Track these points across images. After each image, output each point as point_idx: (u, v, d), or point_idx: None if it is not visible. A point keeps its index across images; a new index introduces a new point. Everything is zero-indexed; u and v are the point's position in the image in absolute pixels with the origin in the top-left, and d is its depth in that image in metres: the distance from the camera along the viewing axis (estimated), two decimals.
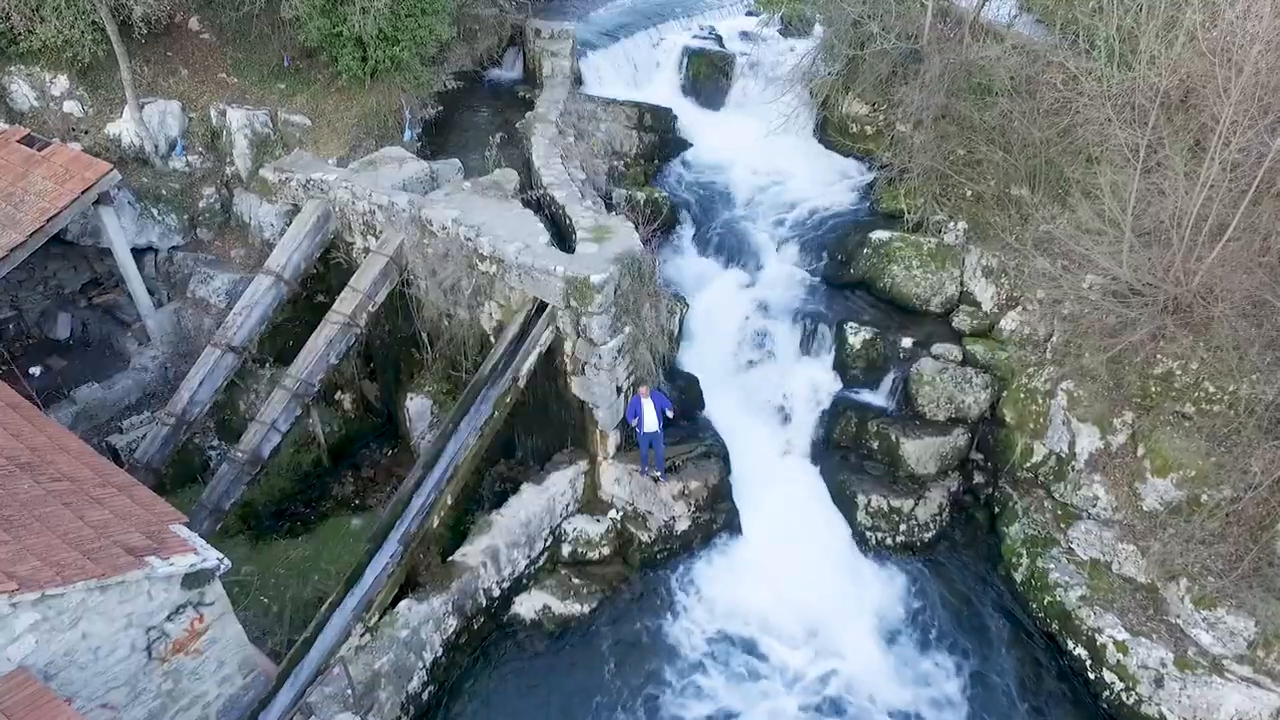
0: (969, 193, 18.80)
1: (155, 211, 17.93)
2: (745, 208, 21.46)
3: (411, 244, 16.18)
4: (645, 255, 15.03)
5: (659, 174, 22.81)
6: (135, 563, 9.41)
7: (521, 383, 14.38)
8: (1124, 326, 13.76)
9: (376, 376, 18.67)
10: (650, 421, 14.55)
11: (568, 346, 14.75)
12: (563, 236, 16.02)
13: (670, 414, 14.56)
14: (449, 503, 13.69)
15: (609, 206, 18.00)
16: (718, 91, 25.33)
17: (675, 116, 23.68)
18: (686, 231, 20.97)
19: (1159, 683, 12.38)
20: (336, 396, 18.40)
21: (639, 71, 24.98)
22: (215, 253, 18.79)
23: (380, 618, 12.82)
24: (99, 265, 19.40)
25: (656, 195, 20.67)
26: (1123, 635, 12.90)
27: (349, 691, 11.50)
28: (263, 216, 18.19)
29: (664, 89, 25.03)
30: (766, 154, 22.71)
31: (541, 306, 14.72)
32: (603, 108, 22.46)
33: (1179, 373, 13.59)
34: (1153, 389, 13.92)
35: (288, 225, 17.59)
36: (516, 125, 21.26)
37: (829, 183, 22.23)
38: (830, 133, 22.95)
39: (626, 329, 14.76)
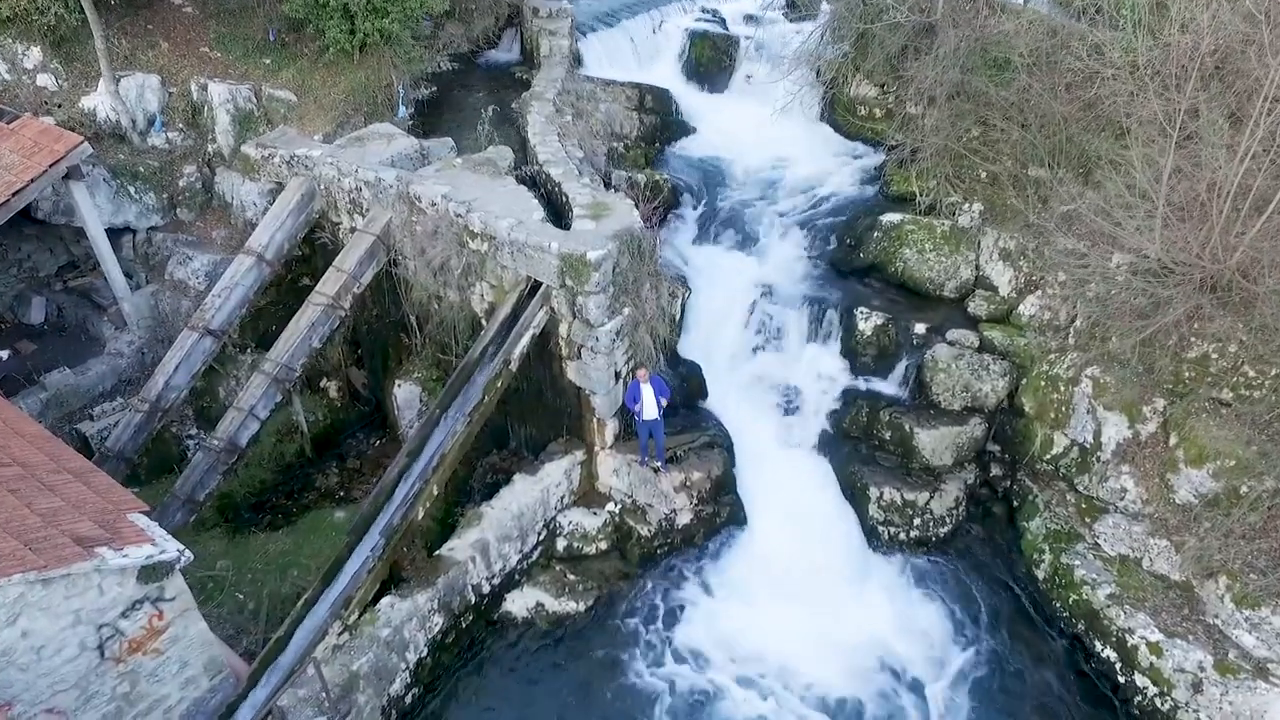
0: (983, 174, 17.93)
1: (132, 190, 17.09)
2: (750, 192, 20.61)
3: (399, 222, 15.34)
4: (645, 233, 14.18)
5: (660, 157, 21.99)
6: (83, 554, 8.57)
7: (514, 366, 13.53)
8: (1156, 307, 12.90)
9: (363, 363, 17.83)
10: (650, 408, 13.69)
11: (563, 329, 13.90)
12: (558, 215, 15.19)
13: (665, 402, 13.69)
14: (435, 493, 12.83)
15: (608, 187, 17.17)
16: (721, 75, 24.51)
17: (677, 99, 22.84)
18: (689, 215, 20.13)
19: (1197, 687, 11.50)
20: (321, 384, 17.55)
21: (640, 54, 24.19)
22: (196, 234, 17.95)
23: (360, 615, 11.97)
24: (75, 248, 18.57)
25: (658, 177, 19.82)
26: (1156, 636, 12.03)
27: (323, 695, 10.62)
28: (245, 195, 17.34)
29: (666, 72, 24.22)
30: (771, 137, 21.89)
31: (535, 286, 13.88)
32: (602, 88, 21.66)
33: (1216, 356, 12.73)
34: (1187, 374, 13.05)
35: (271, 204, 16.75)
36: (512, 105, 20.46)
37: (836, 166, 21.37)
38: (838, 116, 22.11)
39: (625, 310, 13.91)
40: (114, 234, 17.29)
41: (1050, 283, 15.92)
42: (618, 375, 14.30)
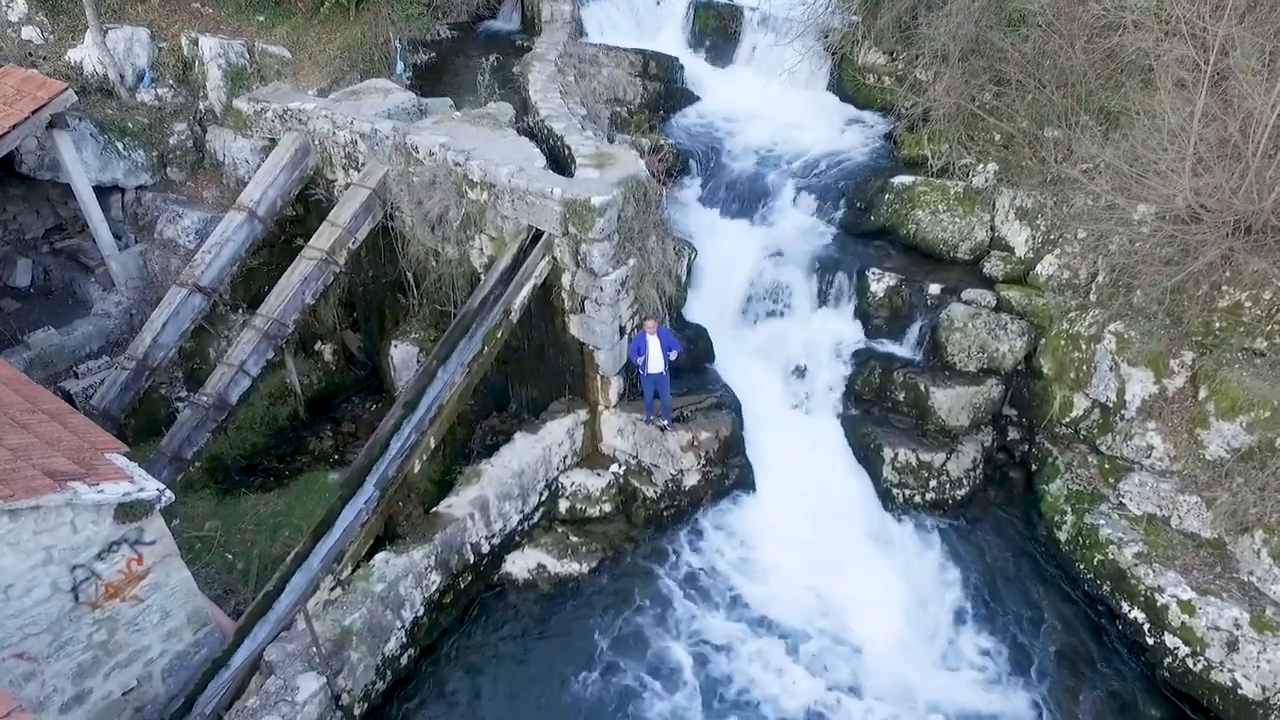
0: (997, 136, 17.36)
1: (120, 146, 16.55)
2: (757, 157, 20.05)
3: (396, 175, 14.82)
4: (651, 181, 13.65)
5: (664, 124, 21.41)
6: (53, 486, 8.00)
7: (514, 317, 12.98)
8: (1184, 254, 12.34)
9: (359, 327, 17.28)
10: (656, 361, 13.15)
11: (566, 280, 13.36)
12: (561, 167, 14.64)
13: (674, 355, 13.13)
14: (432, 445, 12.28)
15: None
16: (726, 46, 23.91)
17: (682, 66, 22.31)
18: (694, 181, 19.58)
19: (1232, 646, 10.95)
20: (316, 347, 17.02)
21: (643, 24, 23.64)
22: (187, 194, 17.42)
23: (353, 571, 11.41)
24: (63, 210, 18.03)
25: (662, 142, 19.25)
26: (1188, 594, 11.47)
27: (313, 648, 10.06)
28: (237, 153, 16.81)
29: (669, 43, 23.62)
30: (778, 106, 21.35)
31: (537, 236, 13.34)
32: (604, 53, 21.12)
33: (1249, 304, 12.18)
34: (1217, 324, 12.51)
35: (264, 162, 16.20)
36: (513, 69, 19.94)
37: (845, 134, 20.81)
38: (846, 84, 21.54)
39: (630, 261, 13.38)
40: (102, 193, 16.76)
41: (1069, 240, 15.37)
42: (622, 330, 13.77)
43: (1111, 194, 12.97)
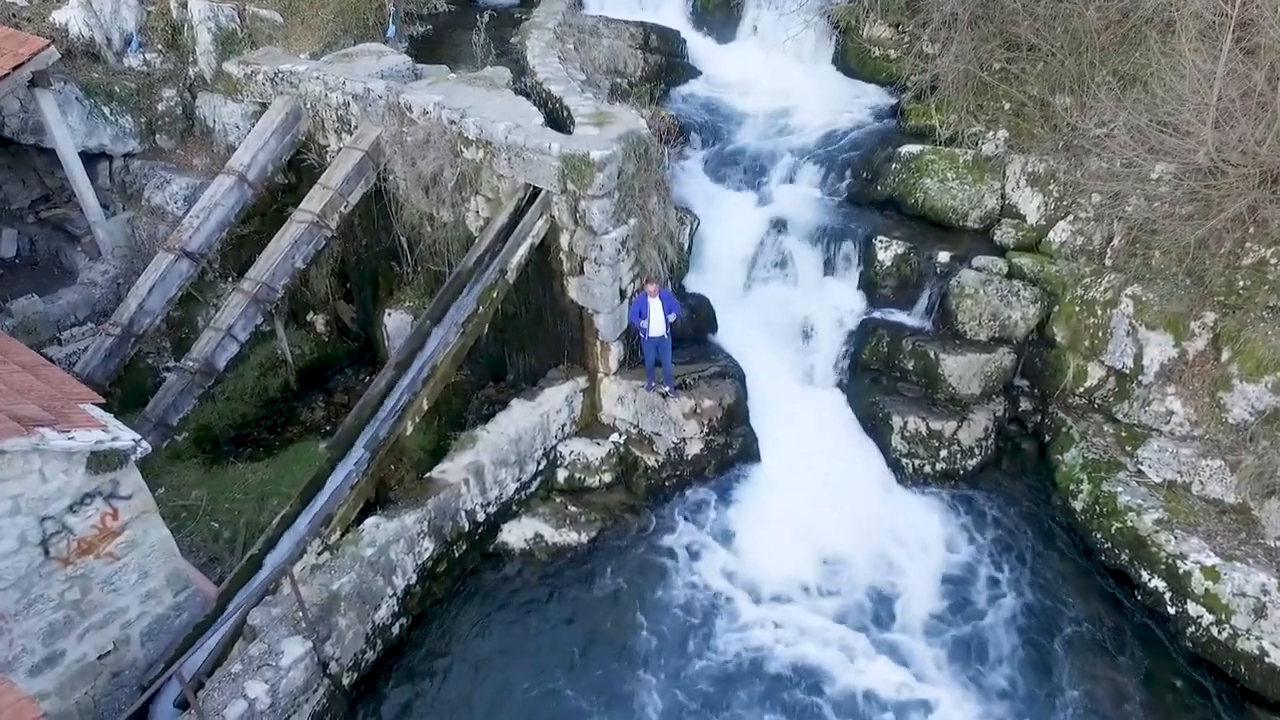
0: (1008, 105, 16.91)
1: (107, 111, 16.11)
2: (760, 130, 19.63)
3: (389, 137, 14.38)
4: (652, 139, 13.20)
5: (665, 97, 20.99)
6: (20, 429, 7.54)
7: (510, 276, 12.53)
8: (1206, 210, 11.88)
9: (352, 298, 16.82)
10: (658, 325, 12.70)
11: (564, 240, 12.91)
12: (560, 129, 14.16)
13: (674, 318, 12.68)
14: (425, 407, 11.82)
15: None
16: (728, 23, 23.47)
17: (683, 40, 21.91)
18: (696, 154, 19.14)
19: (1260, 612, 10.50)
20: (309, 318, 16.59)
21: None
22: (176, 161, 16.97)
23: (342, 535, 10.95)
24: (50, 179, 17.58)
25: (664, 114, 18.80)
26: (1211, 560, 11.01)
27: (299, 613, 9.60)
28: (227, 118, 16.36)
29: (671, 17, 23.20)
30: (782, 81, 20.93)
31: (535, 195, 12.88)
32: (605, 24, 20.69)
33: (1275, 261, 11.73)
34: (1241, 283, 12.05)
35: (255, 126, 15.75)
36: (511, 40, 19.49)
37: (850, 106, 20.36)
38: (850, 59, 21.10)
39: (631, 220, 12.93)
40: (90, 161, 16.37)
41: (1083, 206, 14.90)
42: (623, 294, 13.32)
43: (1131, 147, 12.48)
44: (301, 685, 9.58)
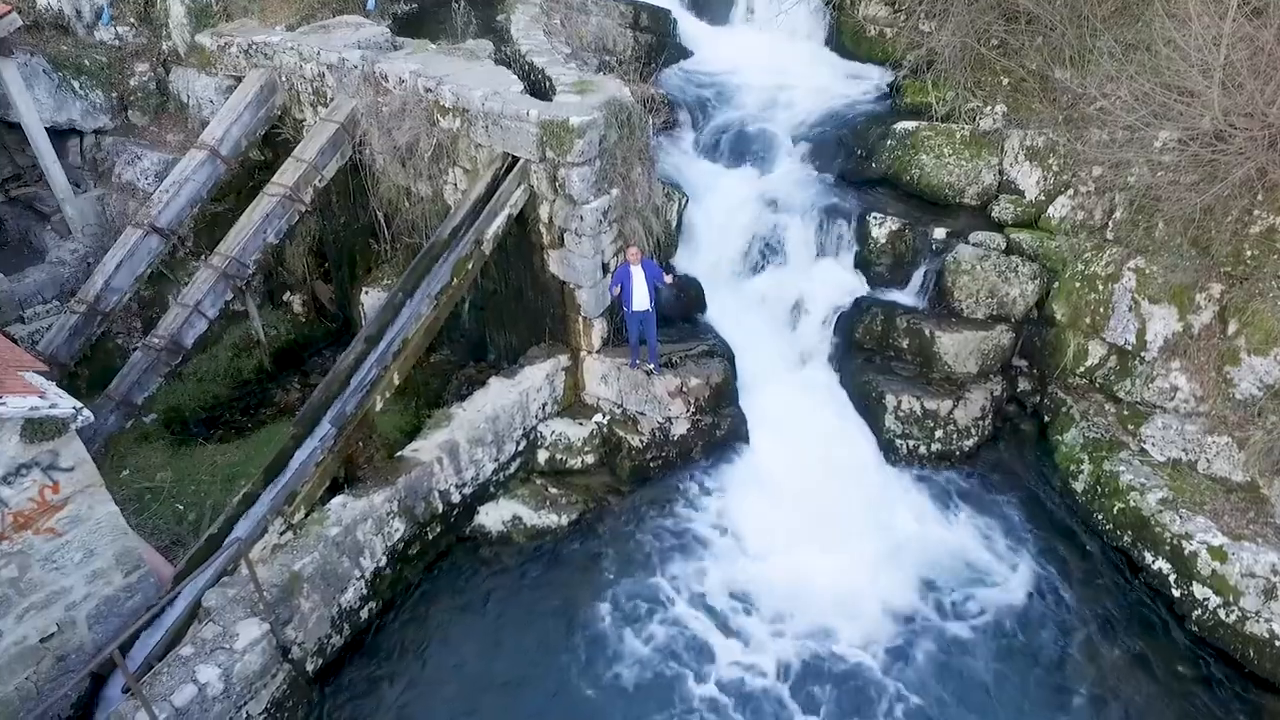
0: (1006, 81, 16.40)
1: (76, 85, 15.62)
2: (752, 110, 19.10)
3: (365, 108, 13.89)
4: (635, 106, 12.70)
5: (655, 78, 20.46)
6: None
7: (486, 247, 12.03)
8: (1212, 177, 11.37)
9: (331, 277, 16.32)
10: (641, 297, 12.19)
11: (544, 211, 12.42)
12: (542, 99, 13.68)
13: (668, 281, 12.19)
14: (396, 382, 11.32)
15: None
16: (722, 4, 22.99)
17: (675, 20, 21.41)
18: (687, 134, 18.65)
19: (1269, 594, 10.00)
20: (285, 298, 16.11)
21: None
22: (149, 139, 16.47)
23: (307, 515, 10.43)
24: (20, 157, 17.05)
25: (654, 93, 18.30)
26: (1219, 540, 10.50)
27: (256, 594, 9.09)
28: (201, 92, 15.87)
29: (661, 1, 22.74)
30: (775, 61, 20.44)
31: (513, 164, 12.37)
32: (593, 1, 20.19)
33: None
34: (1248, 252, 11.54)
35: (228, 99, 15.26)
36: (497, 18, 19.01)
37: (845, 86, 19.85)
38: (845, 40, 20.61)
39: (614, 190, 12.43)
40: (60, 137, 15.92)
41: (1083, 180, 14.39)
42: (605, 268, 12.83)
43: (1134, 109, 11.96)
44: (259, 670, 9.08)
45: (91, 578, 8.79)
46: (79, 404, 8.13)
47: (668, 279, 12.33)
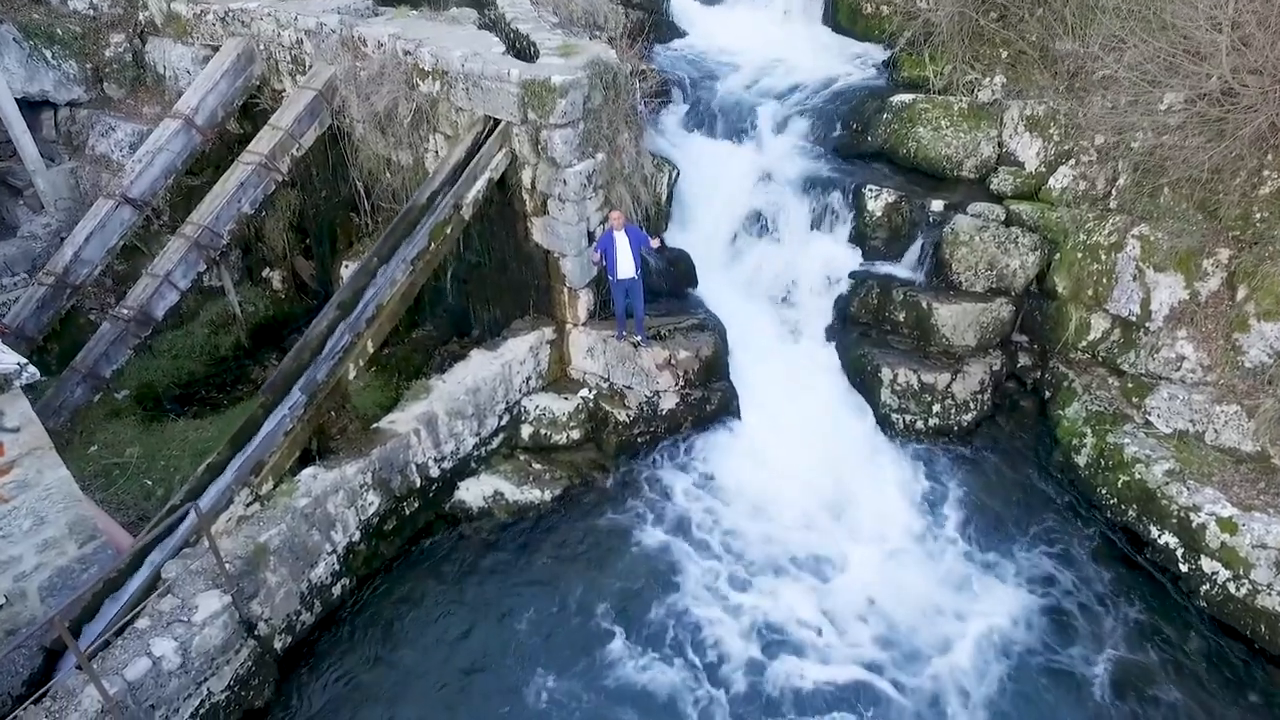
0: (1004, 54, 15.96)
1: (49, 54, 15.17)
2: (745, 85, 18.67)
3: (344, 74, 13.44)
4: (621, 67, 12.26)
5: (647, 55, 20.02)
6: None
7: (466, 212, 11.59)
8: (1221, 136, 10.93)
9: (311, 253, 15.87)
10: (626, 264, 11.76)
11: (526, 176, 11.98)
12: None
13: (655, 246, 11.77)
14: (370, 349, 10.87)
15: None
16: None
17: None
18: (679, 109, 18.20)
19: None
20: (265, 274, 15.64)
21: None
22: (125, 111, 16.02)
23: (276, 486, 9.98)
24: None
25: (645, 68, 17.83)
26: (1228, 511, 10.05)
27: (218, 566, 8.64)
28: (177, 62, 15.42)
29: None
30: (770, 39, 20.09)
31: (495, 127, 11.93)
32: None
33: None
34: (1258, 215, 11.11)
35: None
36: None
37: (840, 63, 19.43)
38: (841, 18, 20.23)
39: (599, 155, 12.00)
40: (33, 109, 15.47)
41: (1085, 150, 13.97)
42: (591, 237, 12.37)
43: (1141, 66, 11.53)
44: (220, 645, 8.63)
45: (43, 547, 8.34)
46: (23, 360, 7.69)
47: (654, 244, 11.90)
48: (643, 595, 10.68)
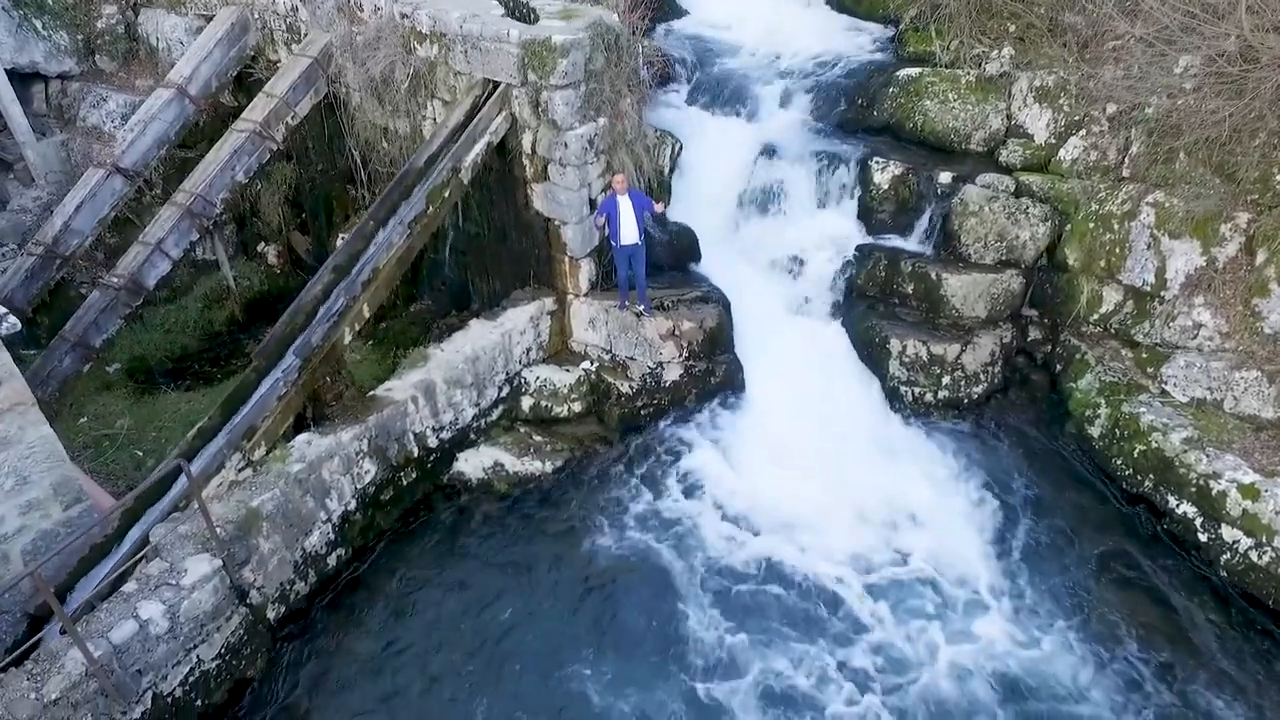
0: (1012, 28, 15.67)
1: (39, 24, 14.88)
2: (749, 63, 18.37)
3: (340, 41, 13.15)
4: (624, 29, 11.98)
5: (648, 34, 19.75)
6: None
7: (465, 176, 11.30)
8: (1239, 96, 10.65)
9: (307, 228, 15.59)
10: (629, 230, 11.47)
11: (526, 141, 11.70)
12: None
13: (659, 210, 11.48)
14: (366, 314, 10.58)
15: None
16: None
17: None
18: (682, 87, 17.90)
19: None
20: (260, 249, 15.35)
21: None
22: (118, 84, 15.73)
23: (269, 452, 9.68)
24: None
25: (646, 43, 17.55)
26: (1250, 477, 9.77)
27: (208, 529, 8.34)
28: (170, 33, 15.15)
29: None
30: (773, 18, 19.74)
31: (494, 90, 11.64)
32: None
33: None
34: (1278, 177, 10.82)
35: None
36: None
37: (844, 40, 19.10)
38: None
39: (600, 119, 11.70)
40: (24, 81, 15.17)
41: (1096, 120, 13.68)
42: (592, 204, 12.09)
43: (1158, 23, 11.25)
44: (210, 610, 8.33)
45: (26, 508, 8.04)
46: (4, 311, 7.38)
47: (658, 207, 11.63)
48: (643, 569, 10.39)
